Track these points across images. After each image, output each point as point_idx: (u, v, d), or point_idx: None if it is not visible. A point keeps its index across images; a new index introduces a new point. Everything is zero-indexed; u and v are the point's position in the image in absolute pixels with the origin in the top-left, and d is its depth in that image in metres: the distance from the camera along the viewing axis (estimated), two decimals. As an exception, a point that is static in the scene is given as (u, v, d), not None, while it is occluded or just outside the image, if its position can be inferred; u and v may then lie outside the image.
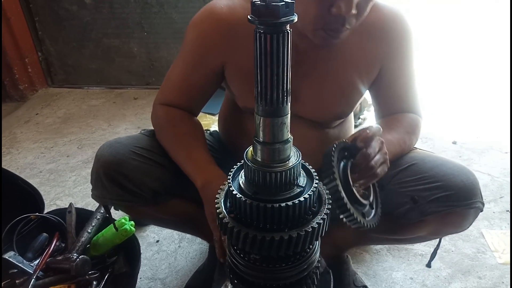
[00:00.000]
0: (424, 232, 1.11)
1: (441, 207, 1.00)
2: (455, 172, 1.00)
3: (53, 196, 1.97)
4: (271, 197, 0.61)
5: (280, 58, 0.53)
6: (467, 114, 2.63)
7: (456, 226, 1.07)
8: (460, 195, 0.98)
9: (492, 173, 2.04)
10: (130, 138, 1.14)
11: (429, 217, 1.03)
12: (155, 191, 1.10)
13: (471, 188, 0.99)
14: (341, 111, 1.15)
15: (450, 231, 1.12)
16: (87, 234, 1.38)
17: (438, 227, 1.08)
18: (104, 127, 2.61)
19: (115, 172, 1.05)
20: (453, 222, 1.05)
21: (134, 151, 1.08)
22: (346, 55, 1.05)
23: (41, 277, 1.26)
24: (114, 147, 1.08)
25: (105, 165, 1.05)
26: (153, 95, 1.08)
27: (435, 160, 1.06)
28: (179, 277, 1.52)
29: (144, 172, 1.07)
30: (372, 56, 1.06)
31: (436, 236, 1.17)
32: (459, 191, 0.98)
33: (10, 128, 2.62)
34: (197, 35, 1.07)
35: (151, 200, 1.11)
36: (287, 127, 0.59)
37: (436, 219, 1.04)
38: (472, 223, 1.06)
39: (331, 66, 1.06)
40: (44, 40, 3.03)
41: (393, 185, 1.07)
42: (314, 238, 0.63)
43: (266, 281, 0.70)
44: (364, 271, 1.51)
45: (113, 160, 1.05)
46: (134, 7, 2.83)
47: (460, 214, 1.01)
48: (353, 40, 1.03)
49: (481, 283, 1.46)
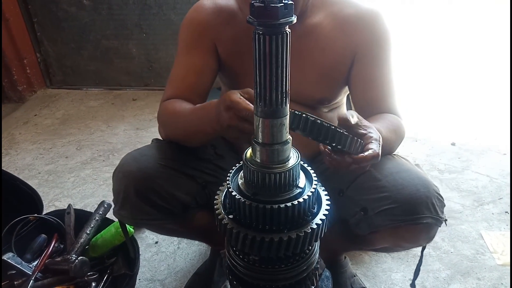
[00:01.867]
0: (384, 243, 1.07)
1: (387, 221, 0.95)
2: (406, 183, 0.94)
3: (52, 197, 1.97)
4: (270, 198, 0.61)
5: (279, 59, 0.53)
6: (466, 116, 2.63)
7: (411, 241, 1.02)
8: (406, 209, 0.92)
9: (491, 175, 2.05)
10: (152, 149, 1.08)
11: (379, 230, 0.99)
12: (186, 205, 1.07)
13: (418, 202, 0.92)
14: (322, 97, 1.16)
15: (407, 246, 1.07)
16: (86, 235, 1.38)
17: (392, 240, 1.03)
18: (103, 128, 2.61)
19: (146, 189, 0.99)
20: (405, 236, 0.99)
21: (161, 164, 1.03)
22: (323, 42, 1.08)
23: (40, 278, 1.26)
24: (140, 160, 1.02)
25: (136, 182, 0.99)
26: (152, 96, 1.08)
27: (393, 167, 1.00)
28: (178, 278, 1.51)
29: (174, 186, 1.03)
30: (346, 44, 1.08)
31: (400, 248, 1.13)
32: (405, 204, 0.92)
33: (9, 129, 2.62)
34: (187, 26, 1.15)
35: (181, 215, 1.08)
36: (286, 128, 0.59)
37: (388, 232, 0.99)
38: (432, 238, 1.00)
39: (310, 51, 1.09)
40: (43, 41, 3.03)
41: (351, 192, 1.04)
42: (313, 239, 0.63)
43: (266, 282, 0.70)
44: (363, 273, 1.51)
45: (143, 176, 0.99)
46: (132, 9, 2.83)
47: (408, 229, 0.95)
48: (330, 28, 1.07)
49: (480, 284, 1.46)
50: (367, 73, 1.10)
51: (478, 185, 1.98)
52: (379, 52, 1.09)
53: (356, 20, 1.08)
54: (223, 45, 1.12)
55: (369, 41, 1.08)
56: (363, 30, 1.08)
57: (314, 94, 1.14)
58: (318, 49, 1.09)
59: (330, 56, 1.09)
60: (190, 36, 1.14)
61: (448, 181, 2.01)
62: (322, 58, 1.10)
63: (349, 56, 1.09)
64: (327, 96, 1.16)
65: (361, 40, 1.08)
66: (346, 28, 1.08)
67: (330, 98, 1.18)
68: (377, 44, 1.09)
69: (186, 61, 1.13)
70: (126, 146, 2.39)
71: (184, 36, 1.15)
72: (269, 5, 0.48)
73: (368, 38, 1.08)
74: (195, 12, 1.15)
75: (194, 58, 1.12)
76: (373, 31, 1.08)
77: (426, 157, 2.19)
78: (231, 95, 0.79)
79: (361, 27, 1.08)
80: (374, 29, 1.08)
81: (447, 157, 2.21)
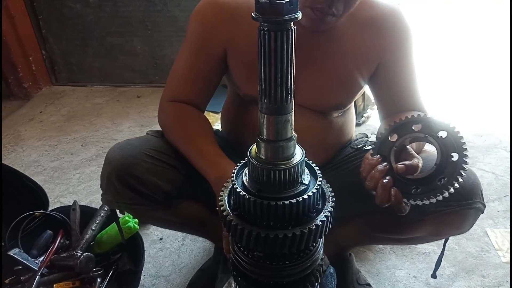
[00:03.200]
0: (424, 232, 1.10)
1: (440, 206, 0.97)
2: None
3: (57, 193, 1.98)
4: (275, 195, 0.61)
5: (284, 55, 0.53)
6: (471, 113, 2.61)
7: (456, 227, 1.06)
8: (460, 195, 0.95)
9: (496, 172, 2.03)
10: (140, 140, 1.12)
11: (428, 217, 1.02)
12: (168, 193, 1.09)
13: (471, 188, 0.97)
14: (340, 102, 1.14)
15: (450, 233, 1.10)
16: (91, 231, 1.39)
17: (437, 227, 1.06)
18: (108, 125, 2.62)
19: (127, 175, 1.03)
20: (452, 223, 1.03)
21: (145, 153, 1.05)
22: (345, 47, 1.06)
23: (46, 274, 1.27)
24: (125, 149, 1.05)
25: (117, 168, 1.03)
26: (157, 93, 1.08)
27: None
28: (183, 274, 1.52)
29: (156, 174, 1.06)
30: (370, 49, 1.06)
31: (437, 237, 1.15)
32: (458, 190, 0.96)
33: (15, 126, 2.64)
34: (199, 21, 1.09)
35: (163, 203, 1.09)
36: (291, 125, 0.59)
37: (435, 220, 1.02)
38: (472, 225, 1.05)
39: (330, 56, 1.06)
40: (48, 38, 3.04)
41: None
42: (317, 236, 0.63)
43: (270, 278, 0.70)
44: (368, 269, 1.51)
45: (125, 163, 1.03)
46: (137, 5, 2.83)
47: (459, 214, 1.00)
48: (351, 33, 1.04)
49: (485, 282, 1.46)
50: (394, 76, 1.09)
51: (483, 183, 1.95)
52: (405, 53, 1.08)
53: (380, 22, 1.05)
54: (235, 47, 1.07)
55: (395, 43, 1.06)
56: (388, 33, 1.05)
57: (331, 100, 1.12)
58: (338, 55, 1.06)
59: (351, 62, 1.07)
60: (200, 39, 1.09)
61: (453, 178, 2.00)
62: (342, 64, 1.07)
63: (374, 61, 1.08)
64: (343, 102, 1.14)
65: (387, 44, 1.06)
66: (369, 32, 1.05)
67: (346, 103, 1.16)
68: (402, 45, 1.07)
69: (193, 65, 1.10)
70: (130, 143, 2.40)
71: (192, 37, 1.10)
72: (274, 1, 0.48)
73: (393, 41, 1.06)
74: (209, 6, 1.08)
75: (202, 63, 1.09)
76: (398, 32, 1.06)
77: (431, 154, 2.18)
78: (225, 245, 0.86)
79: (386, 30, 1.05)
80: (399, 30, 1.06)
81: (452, 155, 2.20)
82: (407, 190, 0.81)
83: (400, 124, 0.84)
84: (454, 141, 0.76)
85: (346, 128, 1.23)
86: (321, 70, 1.07)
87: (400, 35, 1.06)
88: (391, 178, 0.81)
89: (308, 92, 1.08)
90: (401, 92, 1.12)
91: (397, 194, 0.79)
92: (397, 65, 1.09)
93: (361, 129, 2.43)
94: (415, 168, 0.79)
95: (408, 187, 0.81)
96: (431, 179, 0.80)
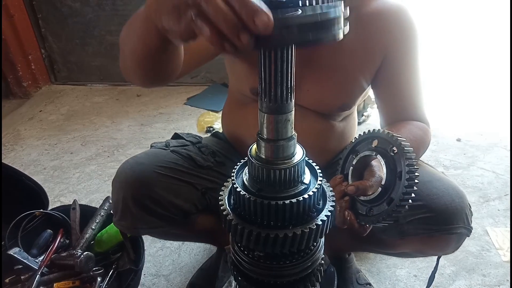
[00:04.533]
0: (408, 249, 1.08)
1: (420, 229, 0.94)
2: (440, 192, 0.93)
3: (57, 192, 1.98)
4: (275, 194, 0.61)
5: (284, 54, 0.53)
6: (472, 111, 2.61)
7: (438, 250, 1.02)
8: (440, 219, 0.92)
9: (497, 171, 2.03)
10: (149, 156, 1.05)
11: (407, 238, 0.99)
12: (186, 211, 1.06)
13: (453, 212, 0.92)
14: (343, 103, 1.11)
15: (433, 253, 1.07)
16: (91, 230, 1.39)
17: (419, 247, 1.03)
18: (108, 124, 2.62)
19: (145, 198, 0.97)
20: (434, 245, 0.99)
21: (160, 172, 1.00)
22: (350, 45, 1.02)
23: (46, 273, 1.27)
24: (137, 170, 0.99)
25: (133, 192, 0.97)
26: (156, 92, 1.07)
27: (424, 176, 0.96)
28: (183, 273, 1.52)
29: (174, 193, 1.02)
30: (375, 45, 1.02)
31: (421, 255, 1.13)
32: (440, 214, 0.92)
33: (14, 125, 2.63)
34: None
35: (182, 221, 1.07)
36: (291, 124, 0.59)
37: (416, 240, 0.99)
38: (457, 248, 1.00)
39: (336, 55, 1.03)
40: (47, 37, 3.04)
41: None
42: (318, 236, 0.63)
43: (270, 278, 0.69)
44: (368, 269, 1.51)
45: (140, 185, 0.97)
46: (137, 4, 2.80)
47: (439, 238, 0.96)
48: (357, 30, 1.00)
49: (486, 281, 1.45)
50: (396, 76, 1.05)
51: (483, 181, 1.97)
52: (409, 52, 1.04)
53: (385, 17, 1.00)
54: None
55: (400, 39, 1.01)
56: (393, 28, 1.00)
57: (336, 101, 1.09)
58: (344, 54, 1.02)
59: (356, 60, 1.03)
60: None
61: (453, 177, 2.00)
62: (347, 63, 1.03)
63: (378, 58, 1.03)
64: (348, 102, 1.11)
65: (391, 39, 1.01)
66: (374, 27, 1.00)
67: (351, 104, 1.13)
68: (407, 42, 1.03)
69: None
70: (130, 142, 2.40)
71: None
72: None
73: (398, 36, 1.01)
74: None
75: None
76: (403, 29, 1.01)
77: (431, 153, 2.18)
78: None
79: (391, 24, 1.00)
80: (404, 26, 1.01)
81: (453, 153, 2.20)
82: (364, 211, 0.80)
83: (360, 140, 0.82)
84: (402, 159, 0.73)
85: (348, 133, 1.21)
86: (326, 70, 1.04)
87: (405, 32, 1.02)
88: (349, 199, 0.80)
89: (313, 93, 1.05)
90: (403, 98, 1.08)
91: (350, 216, 0.78)
92: (401, 64, 1.04)
93: (361, 128, 2.42)
94: (365, 188, 0.78)
95: (363, 208, 0.80)
96: (379, 200, 0.77)
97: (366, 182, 0.79)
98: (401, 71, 1.05)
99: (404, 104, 1.08)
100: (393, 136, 0.77)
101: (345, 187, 0.80)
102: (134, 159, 1.04)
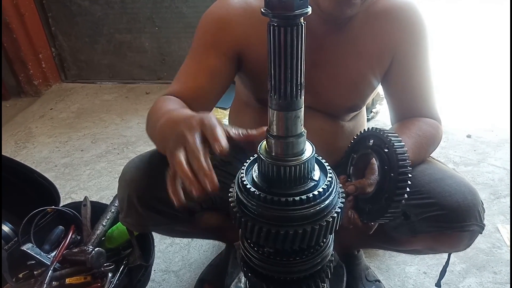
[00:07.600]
0: (419, 247, 1.07)
1: (432, 227, 0.94)
2: (453, 190, 0.92)
3: (68, 189, 2.01)
4: (285, 191, 0.61)
5: (294, 51, 0.53)
6: (482, 108, 2.58)
7: (450, 247, 1.02)
8: (453, 217, 0.91)
9: (508, 167, 2.01)
10: (155, 156, 1.03)
11: (419, 235, 0.98)
12: (192, 210, 1.07)
13: (466, 209, 0.91)
14: (354, 104, 1.11)
15: (445, 250, 1.06)
16: (102, 227, 1.41)
17: (431, 244, 1.03)
18: (117, 122, 2.64)
19: (150, 198, 0.98)
20: (446, 242, 0.99)
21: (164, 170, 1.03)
22: (360, 46, 1.02)
23: (58, 268, 1.29)
24: (143, 169, 0.99)
25: (138, 191, 0.97)
26: (165, 89, 1.05)
27: (435, 173, 0.97)
28: (193, 269, 1.53)
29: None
30: (385, 43, 1.02)
31: (432, 252, 1.12)
32: (452, 212, 0.91)
33: (26, 123, 2.67)
34: (211, 20, 1.02)
35: (187, 219, 1.08)
36: (301, 121, 0.59)
37: (428, 238, 0.98)
38: (469, 245, 1.00)
39: (346, 56, 1.02)
40: (57, 35, 3.07)
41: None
42: (328, 232, 0.63)
43: (280, 274, 0.70)
44: (377, 265, 1.51)
45: (146, 185, 0.97)
46: (145, 2, 2.83)
47: (452, 236, 0.95)
48: (367, 29, 1.00)
49: (497, 278, 1.44)
50: (407, 73, 1.03)
51: (494, 178, 1.94)
52: (419, 48, 1.02)
53: (395, 14, 0.99)
54: (252, 49, 1.00)
55: (409, 37, 1.01)
56: (402, 26, 1.00)
57: (346, 102, 1.08)
58: (354, 55, 1.01)
59: (366, 59, 1.02)
60: (210, 35, 1.01)
61: (463, 174, 1.96)
62: (358, 64, 1.03)
63: (388, 57, 1.02)
64: (358, 102, 1.10)
65: (401, 36, 1.00)
66: (384, 25, 1.00)
67: (361, 104, 1.12)
68: (417, 40, 1.02)
69: (201, 60, 1.01)
70: (140, 139, 2.42)
71: (203, 33, 1.03)
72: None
73: (408, 34, 1.00)
74: (220, 9, 1.01)
75: (211, 58, 1.00)
76: (413, 26, 1.00)
77: (441, 150, 2.16)
78: (212, 118, 0.64)
79: (400, 22, 0.99)
80: (414, 24, 1.00)
81: (463, 150, 2.17)
82: (366, 210, 0.81)
83: (358, 140, 0.83)
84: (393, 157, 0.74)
85: (357, 132, 1.20)
86: (337, 71, 1.03)
87: (415, 29, 1.01)
88: (352, 198, 0.82)
89: (323, 95, 1.05)
90: (414, 95, 1.06)
91: (354, 216, 0.79)
92: (411, 63, 1.03)
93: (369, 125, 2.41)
94: (363, 187, 0.78)
95: (366, 207, 0.81)
96: (377, 198, 0.78)
97: (365, 181, 0.80)
98: (411, 67, 1.04)
99: (415, 101, 1.06)
100: (384, 133, 0.78)
101: (346, 186, 0.81)
102: (140, 157, 1.04)
